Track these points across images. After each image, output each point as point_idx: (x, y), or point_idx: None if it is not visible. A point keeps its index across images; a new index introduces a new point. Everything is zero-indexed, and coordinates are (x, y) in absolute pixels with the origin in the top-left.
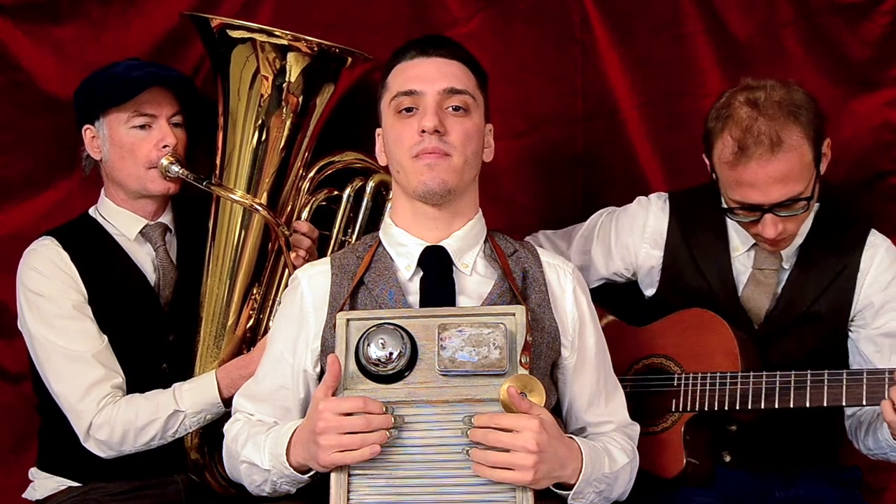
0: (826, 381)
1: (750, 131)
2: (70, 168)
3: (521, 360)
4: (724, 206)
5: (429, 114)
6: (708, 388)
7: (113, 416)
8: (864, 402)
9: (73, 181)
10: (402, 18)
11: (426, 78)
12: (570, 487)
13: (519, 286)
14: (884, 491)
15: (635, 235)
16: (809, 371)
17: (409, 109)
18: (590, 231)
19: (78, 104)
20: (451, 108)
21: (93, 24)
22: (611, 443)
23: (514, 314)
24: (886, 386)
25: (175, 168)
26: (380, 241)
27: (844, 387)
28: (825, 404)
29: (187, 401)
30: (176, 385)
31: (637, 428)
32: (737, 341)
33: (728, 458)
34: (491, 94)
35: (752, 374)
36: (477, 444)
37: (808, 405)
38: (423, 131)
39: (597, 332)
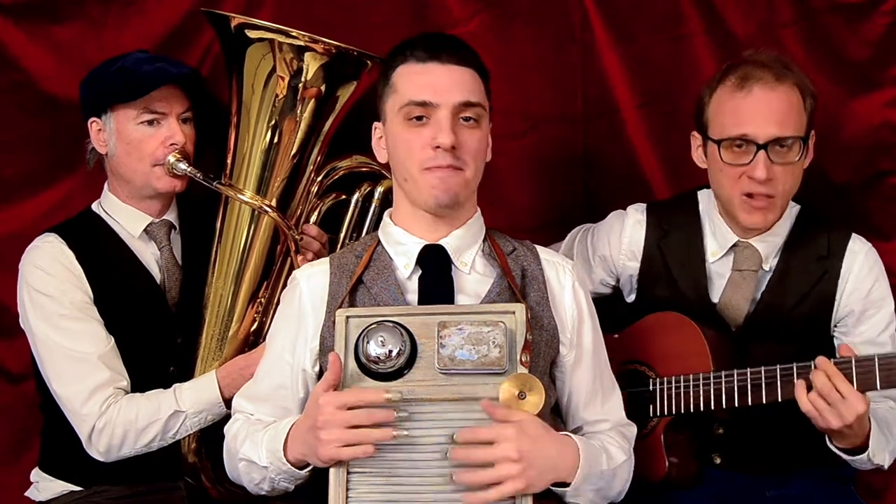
0: (795, 374)
1: (755, 64)
2: (70, 168)
3: (521, 359)
4: (718, 155)
5: (444, 130)
6: (683, 390)
7: (114, 417)
8: None
9: (73, 181)
10: (402, 18)
11: (441, 89)
12: (568, 485)
13: (518, 284)
14: (884, 491)
15: (612, 247)
16: (778, 366)
17: (419, 118)
18: (568, 249)
19: (84, 96)
20: (462, 119)
21: (93, 23)
22: (608, 441)
23: (513, 312)
24: (854, 373)
25: (182, 165)
26: (379, 241)
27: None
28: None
29: (188, 401)
30: (176, 385)
31: (634, 429)
32: (706, 341)
33: (718, 461)
34: (491, 93)
35: (723, 373)
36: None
37: (780, 399)
38: (438, 147)
39: (594, 329)
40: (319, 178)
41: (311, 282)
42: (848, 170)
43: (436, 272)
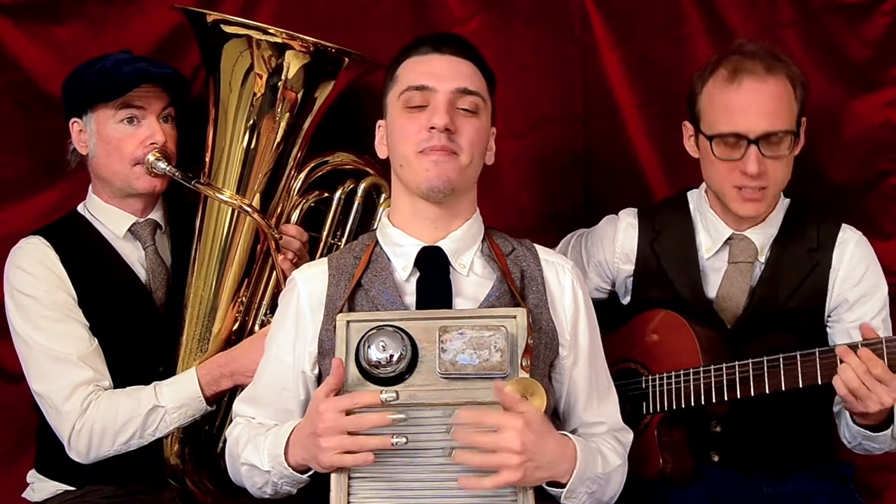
0: (782, 365)
1: (746, 55)
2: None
3: (522, 363)
4: (710, 150)
5: (440, 111)
6: (673, 386)
7: (93, 414)
8: (820, 381)
9: (73, 181)
10: (402, 19)
11: (439, 75)
12: (563, 486)
13: (518, 287)
14: (884, 491)
15: (606, 252)
16: (765, 357)
17: (418, 105)
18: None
19: (65, 96)
20: (460, 108)
21: (93, 23)
22: (603, 444)
23: (514, 317)
24: (839, 362)
25: (161, 164)
26: (377, 241)
27: (799, 368)
28: (783, 388)
29: (168, 395)
30: (156, 382)
31: (630, 435)
32: (696, 338)
33: (716, 459)
34: (496, 100)
35: (713, 367)
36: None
37: (767, 391)
38: (433, 128)
39: (591, 329)
40: (301, 176)
41: (308, 283)
42: (848, 170)
43: (434, 275)
